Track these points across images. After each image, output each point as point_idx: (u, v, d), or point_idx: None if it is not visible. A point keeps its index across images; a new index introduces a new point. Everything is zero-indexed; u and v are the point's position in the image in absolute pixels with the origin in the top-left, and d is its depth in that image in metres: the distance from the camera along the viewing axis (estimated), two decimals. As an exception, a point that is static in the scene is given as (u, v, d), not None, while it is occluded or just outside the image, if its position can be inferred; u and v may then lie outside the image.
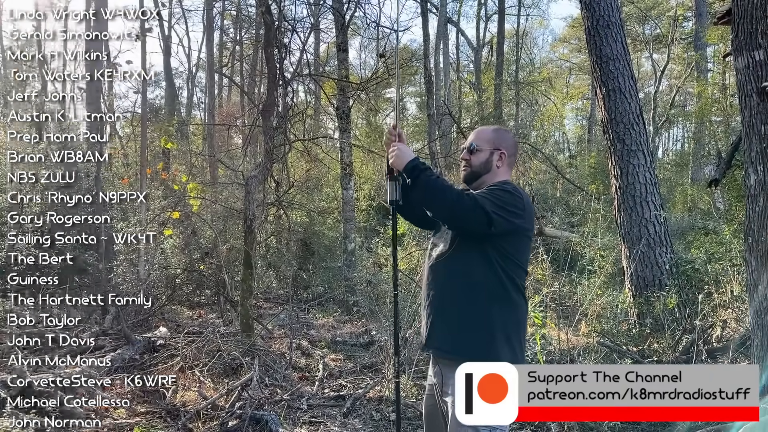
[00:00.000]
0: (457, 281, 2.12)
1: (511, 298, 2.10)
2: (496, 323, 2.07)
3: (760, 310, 3.45)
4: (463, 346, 2.05)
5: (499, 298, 2.09)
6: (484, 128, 2.33)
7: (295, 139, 7.30)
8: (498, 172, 2.24)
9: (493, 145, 2.24)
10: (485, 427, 1.93)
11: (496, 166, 2.23)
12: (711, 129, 15.78)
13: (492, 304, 2.08)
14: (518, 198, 2.09)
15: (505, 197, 2.07)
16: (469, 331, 2.08)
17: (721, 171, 6.34)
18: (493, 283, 2.07)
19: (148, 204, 8.39)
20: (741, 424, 2.02)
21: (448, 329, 2.13)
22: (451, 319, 2.13)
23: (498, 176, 2.23)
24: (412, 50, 23.72)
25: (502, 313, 2.09)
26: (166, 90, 17.67)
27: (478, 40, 23.81)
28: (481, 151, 2.24)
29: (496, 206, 2.02)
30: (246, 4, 18.01)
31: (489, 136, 2.27)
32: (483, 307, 2.08)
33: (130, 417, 3.89)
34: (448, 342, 2.13)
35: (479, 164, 2.24)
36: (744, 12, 3.55)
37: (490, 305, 2.07)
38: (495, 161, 2.23)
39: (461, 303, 2.11)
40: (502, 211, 2.02)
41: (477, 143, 2.25)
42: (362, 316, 7.11)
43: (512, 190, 2.11)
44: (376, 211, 12.41)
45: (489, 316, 2.07)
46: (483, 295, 2.07)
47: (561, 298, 6.30)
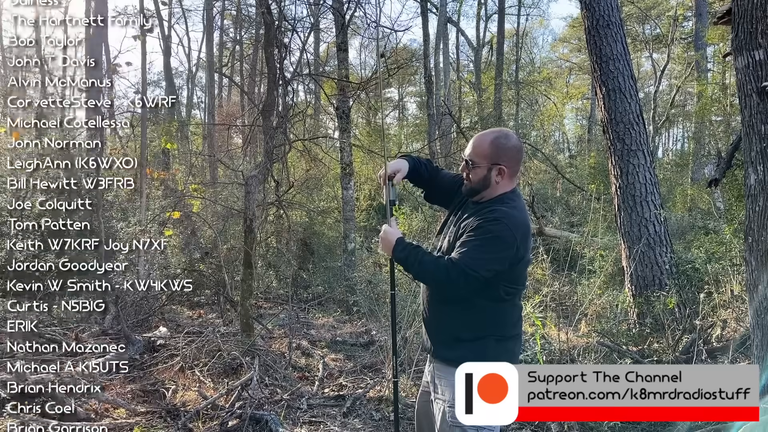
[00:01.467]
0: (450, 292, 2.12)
1: (506, 302, 2.12)
2: (489, 327, 2.10)
3: (760, 310, 3.45)
4: (460, 353, 2.06)
5: (493, 302, 2.10)
6: (482, 139, 2.15)
7: (295, 138, 7.30)
8: (499, 186, 2.13)
9: (490, 160, 2.10)
10: (472, 427, 1.94)
11: (495, 181, 2.11)
12: (711, 128, 15.78)
13: (485, 309, 2.09)
14: (507, 238, 1.99)
15: (491, 248, 1.98)
16: (465, 340, 2.10)
17: (721, 171, 6.33)
18: (487, 292, 2.08)
19: (148, 204, 8.39)
20: (741, 424, 2.02)
21: (444, 336, 2.16)
22: (447, 327, 2.15)
23: (498, 189, 2.13)
24: (412, 50, 23.72)
25: (496, 315, 2.11)
26: (166, 90, 17.67)
27: (478, 40, 23.81)
28: (478, 167, 2.12)
29: (484, 263, 1.97)
30: (246, 3, 18.02)
31: (486, 151, 2.11)
32: (478, 312, 2.09)
33: (130, 417, 3.89)
34: (444, 348, 2.16)
35: (477, 181, 2.13)
36: (744, 12, 3.55)
37: (483, 309, 2.09)
38: (494, 177, 2.10)
39: (455, 310, 2.13)
40: (491, 264, 1.98)
41: (474, 159, 2.13)
42: (362, 316, 7.10)
43: (501, 231, 1.99)
44: (376, 211, 12.41)
45: (482, 320, 2.09)
46: (477, 301, 2.09)
47: (561, 298, 6.30)
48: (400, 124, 26.31)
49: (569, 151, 25.40)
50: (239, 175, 7.53)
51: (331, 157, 11.30)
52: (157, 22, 15.85)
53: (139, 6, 15.14)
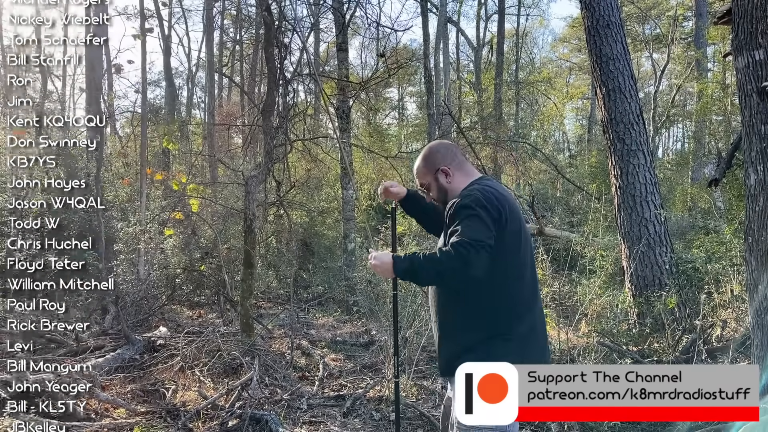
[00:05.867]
0: (454, 297, 2.12)
1: (511, 290, 2.10)
2: (494, 326, 2.07)
3: (760, 310, 3.45)
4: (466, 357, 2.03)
5: (500, 295, 2.08)
6: (417, 165, 2.33)
7: (295, 138, 7.30)
8: (454, 184, 2.24)
9: (431, 172, 2.27)
10: (477, 428, 1.93)
11: (447, 183, 2.25)
12: (711, 128, 15.78)
13: (490, 305, 2.07)
14: (482, 201, 2.04)
15: (476, 218, 2.01)
16: (471, 342, 2.07)
17: (721, 170, 6.33)
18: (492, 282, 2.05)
19: (147, 204, 8.39)
20: (741, 424, 2.01)
21: (450, 354, 2.13)
22: (450, 344, 2.14)
23: (458, 187, 2.22)
24: (412, 50, 23.70)
25: (503, 310, 2.08)
26: (166, 90, 17.65)
27: (478, 40, 23.80)
28: (428, 185, 2.29)
29: (482, 232, 1.98)
30: (246, 3, 18.01)
31: (423, 170, 2.29)
32: (481, 312, 2.07)
33: (130, 417, 3.89)
34: (452, 362, 2.09)
35: (437, 195, 2.29)
36: (744, 12, 3.55)
37: (488, 307, 2.07)
38: (444, 182, 2.25)
39: (456, 323, 2.12)
40: (488, 230, 1.99)
41: (422, 181, 2.31)
42: (362, 316, 7.11)
43: (475, 201, 2.05)
44: (376, 211, 12.41)
45: (489, 319, 2.07)
46: (482, 301, 2.07)
47: (561, 298, 6.30)
48: (400, 124, 26.32)
49: (569, 151, 25.41)
50: (239, 175, 7.53)
51: (331, 157, 11.30)
52: (157, 22, 15.84)
53: (139, 6, 15.14)
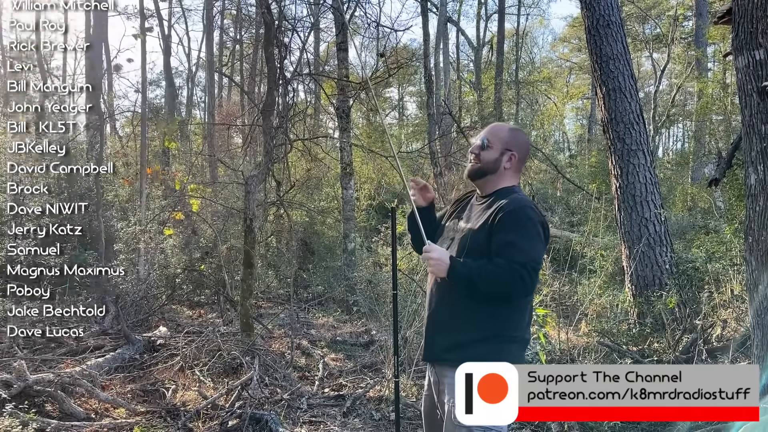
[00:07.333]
0: (459, 294, 2.06)
1: (531, 299, 2.13)
2: (498, 326, 2.05)
3: (760, 309, 3.45)
4: (465, 354, 2.00)
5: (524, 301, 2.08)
6: (500, 125, 2.25)
7: (295, 138, 7.30)
8: (505, 175, 2.16)
9: (505, 145, 2.15)
10: (479, 428, 1.92)
11: (504, 167, 2.15)
12: (711, 128, 15.77)
13: (496, 309, 2.04)
14: (539, 220, 2.03)
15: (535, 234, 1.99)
16: (473, 341, 2.04)
17: (721, 170, 6.32)
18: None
19: (148, 203, 8.39)
20: (741, 424, 2.01)
21: (450, 342, 2.08)
22: (454, 333, 2.08)
23: (504, 179, 2.16)
24: (412, 50, 23.69)
25: (506, 313, 2.06)
26: (166, 89, 17.65)
27: (479, 40, 23.79)
28: (491, 148, 2.16)
29: (539, 253, 1.99)
30: (246, 3, 18.00)
31: (502, 135, 2.18)
32: (486, 313, 2.04)
33: (130, 417, 3.89)
34: (449, 352, 2.08)
35: (487, 162, 2.15)
36: (744, 11, 3.55)
37: (492, 310, 2.03)
38: (504, 162, 2.15)
39: (465, 316, 2.07)
40: (542, 251, 2.01)
41: (489, 140, 2.17)
42: (362, 316, 7.10)
43: (535, 216, 2.02)
44: (376, 210, 12.41)
45: (492, 320, 2.04)
46: (487, 302, 2.03)
47: (561, 298, 6.30)
48: (400, 124, 26.31)
49: (569, 150, 25.38)
50: (239, 175, 7.53)
51: (331, 157, 11.30)
52: (156, 21, 15.85)
53: (139, 5, 15.15)
